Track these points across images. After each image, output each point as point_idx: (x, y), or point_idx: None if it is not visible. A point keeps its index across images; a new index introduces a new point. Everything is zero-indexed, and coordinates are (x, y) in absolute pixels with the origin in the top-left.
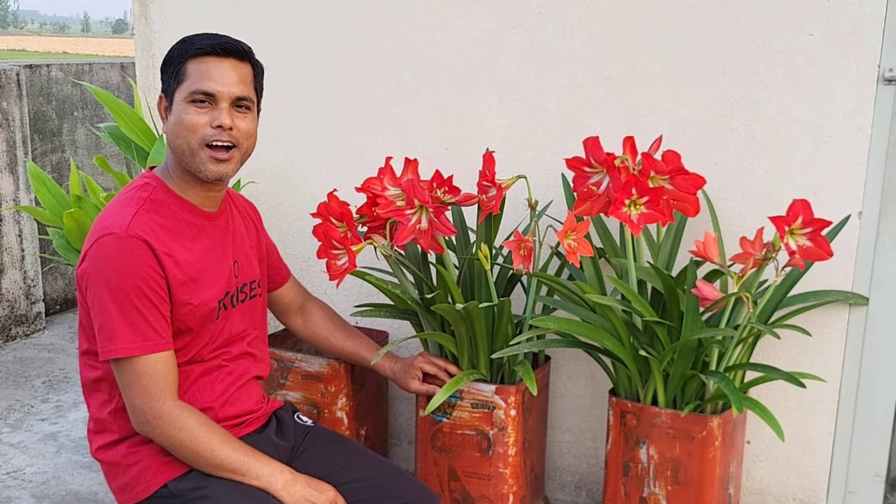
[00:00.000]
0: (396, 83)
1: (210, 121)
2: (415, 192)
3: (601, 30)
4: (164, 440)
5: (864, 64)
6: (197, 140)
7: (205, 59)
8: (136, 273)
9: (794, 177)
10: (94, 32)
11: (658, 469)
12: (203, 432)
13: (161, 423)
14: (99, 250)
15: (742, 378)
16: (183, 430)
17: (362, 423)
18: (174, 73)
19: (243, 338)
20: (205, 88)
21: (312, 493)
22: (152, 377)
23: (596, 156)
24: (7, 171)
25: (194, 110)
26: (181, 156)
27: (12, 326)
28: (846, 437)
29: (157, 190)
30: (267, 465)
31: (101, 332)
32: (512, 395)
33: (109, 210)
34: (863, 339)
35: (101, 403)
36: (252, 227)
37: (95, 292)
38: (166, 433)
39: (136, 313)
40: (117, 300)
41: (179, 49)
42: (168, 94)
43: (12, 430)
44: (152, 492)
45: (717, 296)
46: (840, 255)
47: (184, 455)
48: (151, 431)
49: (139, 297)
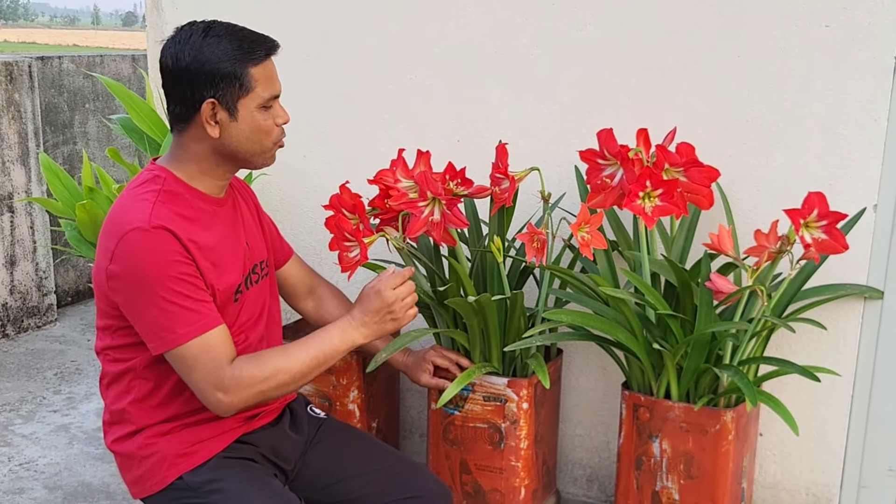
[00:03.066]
0: (409, 76)
1: (274, 119)
2: (428, 184)
3: (615, 21)
4: (248, 400)
5: (881, 55)
6: (272, 141)
7: (265, 64)
8: (170, 261)
9: (809, 169)
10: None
11: (671, 463)
12: (269, 364)
13: (236, 388)
14: (127, 248)
15: (756, 372)
16: (256, 378)
17: (374, 415)
18: (237, 82)
19: (259, 320)
20: (276, 92)
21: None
22: (213, 351)
23: (610, 148)
24: (19, 163)
25: (266, 115)
26: (249, 157)
27: (24, 318)
28: (860, 432)
29: (168, 181)
30: (329, 337)
31: (150, 326)
32: (524, 388)
33: (124, 206)
34: (877, 333)
35: (120, 394)
36: (252, 207)
37: (134, 290)
38: (247, 393)
39: (183, 298)
40: (160, 293)
41: (235, 56)
42: (228, 102)
43: (24, 421)
44: (167, 484)
45: (732, 289)
46: (855, 248)
47: (277, 394)
48: (231, 401)
49: (180, 283)
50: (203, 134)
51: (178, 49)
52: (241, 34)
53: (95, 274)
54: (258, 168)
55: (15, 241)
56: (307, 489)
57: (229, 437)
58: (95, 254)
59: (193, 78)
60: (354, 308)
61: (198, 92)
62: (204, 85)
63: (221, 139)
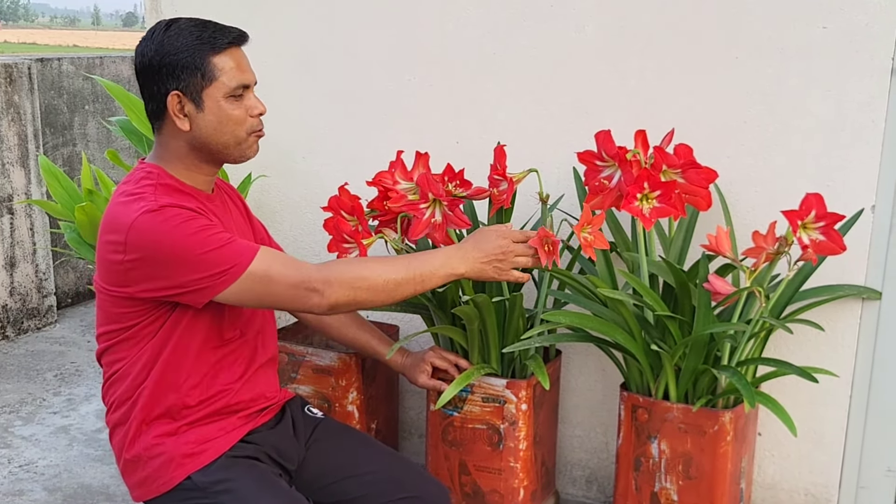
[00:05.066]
0: (407, 77)
1: (247, 110)
2: (429, 185)
3: (613, 23)
4: (344, 297)
5: (879, 56)
6: (245, 131)
7: (229, 52)
8: (190, 220)
9: (807, 170)
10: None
11: (669, 464)
12: (363, 263)
13: (329, 283)
14: (141, 231)
15: (754, 373)
16: (347, 274)
17: (373, 416)
18: (199, 72)
19: (254, 315)
20: (244, 82)
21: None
22: (282, 256)
23: (608, 149)
24: (19, 165)
25: (235, 104)
26: (224, 148)
27: (24, 320)
28: (858, 432)
29: (162, 176)
30: (432, 258)
31: (203, 276)
32: (523, 389)
33: (123, 202)
34: (876, 334)
35: (123, 397)
36: (242, 209)
37: (165, 264)
38: (341, 289)
39: (220, 240)
40: (196, 249)
41: (194, 46)
42: (192, 92)
43: (24, 422)
44: (174, 484)
45: (730, 290)
46: (853, 249)
47: (368, 299)
48: (328, 299)
49: (208, 231)
50: (176, 129)
51: (144, 46)
52: (203, 25)
53: (102, 276)
54: (238, 161)
55: (15, 243)
56: (306, 489)
57: (235, 435)
58: (96, 257)
59: (157, 72)
60: (466, 241)
61: (162, 86)
62: (167, 78)
63: (192, 132)
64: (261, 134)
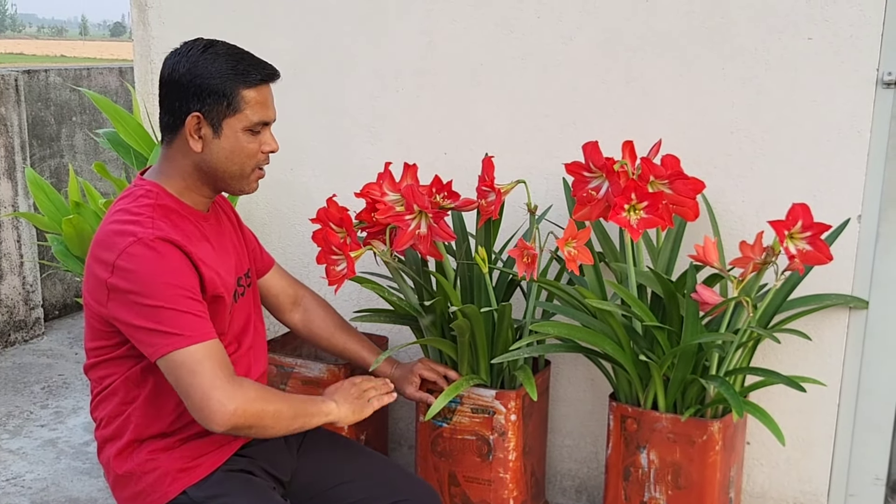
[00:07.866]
0: (395, 88)
1: (261, 145)
2: (414, 197)
3: (600, 34)
4: (246, 414)
5: (863, 67)
6: (252, 165)
7: (260, 88)
8: (176, 272)
9: (793, 181)
10: (91, 35)
11: (659, 474)
12: (269, 391)
13: (239, 397)
14: (131, 259)
15: (742, 382)
16: (259, 398)
17: (362, 427)
18: (225, 101)
19: (246, 329)
20: (266, 119)
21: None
22: (218, 357)
23: (595, 160)
24: (5, 177)
25: (252, 138)
26: (228, 178)
27: (11, 332)
28: (847, 441)
29: (160, 196)
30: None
31: (153, 331)
32: (512, 399)
33: (120, 220)
34: (863, 343)
35: (113, 412)
36: (233, 219)
37: (138, 298)
38: (247, 407)
39: (189, 306)
40: (167, 301)
41: (227, 75)
42: (213, 118)
43: (11, 436)
44: (169, 499)
45: (717, 300)
46: (840, 258)
47: (265, 426)
48: (232, 409)
49: (186, 293)
50: (187, 147)
51: (177, 61)
52: (240, 55)
53: (89, 290)
54: (235, 193)
55: (2, 255)
56: (297, 498)
57: (229, 449)
58: (85, 271)
59: (184, 90)
60: (335, 394)
61: (185, 104)
62: (192, 98)
63: (203, 154)
64: (262, 174)
